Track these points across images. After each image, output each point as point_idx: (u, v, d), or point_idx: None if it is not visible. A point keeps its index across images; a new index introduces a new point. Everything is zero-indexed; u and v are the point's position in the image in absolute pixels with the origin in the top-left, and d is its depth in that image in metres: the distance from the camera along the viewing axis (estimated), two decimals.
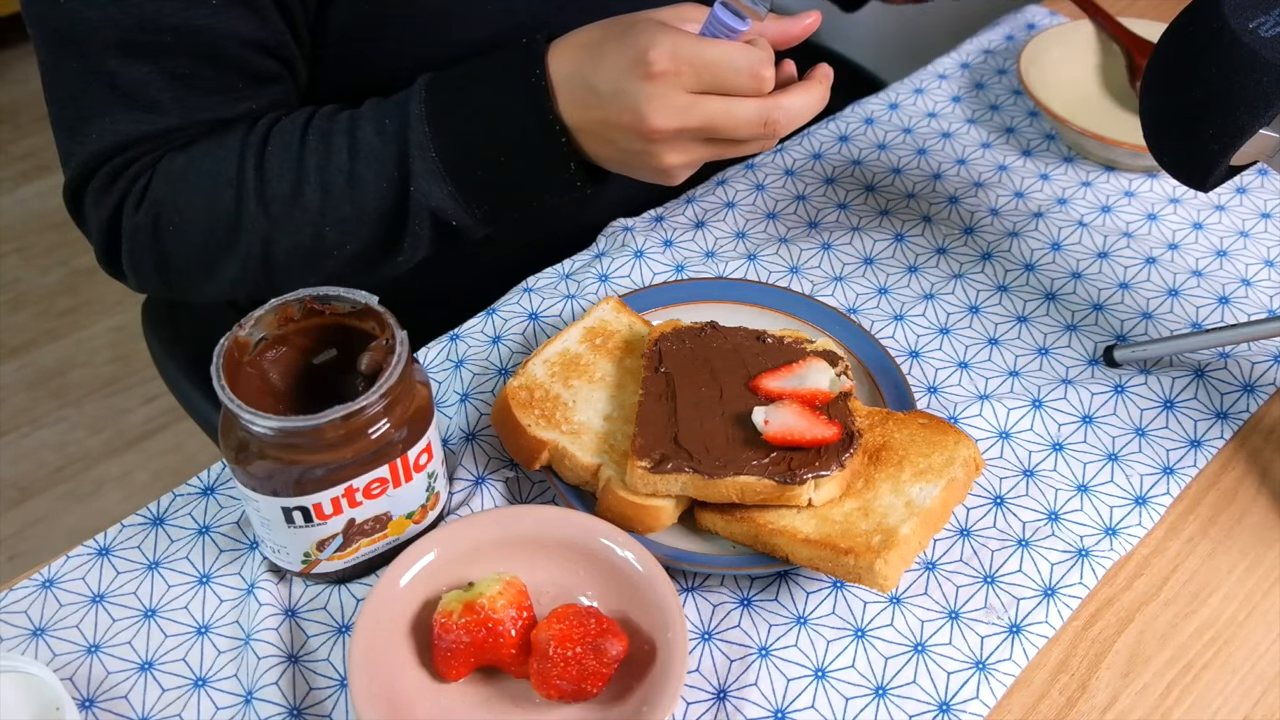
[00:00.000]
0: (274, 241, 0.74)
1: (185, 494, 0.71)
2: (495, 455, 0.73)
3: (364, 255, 0.75)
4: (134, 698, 0.62)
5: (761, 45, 0.66)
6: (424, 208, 0.72)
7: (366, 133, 0.72)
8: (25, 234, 2.14)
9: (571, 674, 0.58)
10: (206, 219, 0.74)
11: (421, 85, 0.72)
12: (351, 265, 0.76)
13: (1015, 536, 0.69)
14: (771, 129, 0.66)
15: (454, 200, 0.72)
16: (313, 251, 0.74)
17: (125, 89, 0.71)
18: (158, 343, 1.01)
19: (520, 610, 0.60)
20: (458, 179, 0.71)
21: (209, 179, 0.73)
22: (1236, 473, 0.73)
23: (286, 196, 0.72)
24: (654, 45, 0.64)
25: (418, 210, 0.72)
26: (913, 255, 0.87)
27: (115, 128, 0.73)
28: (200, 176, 0.73)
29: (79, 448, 1.80)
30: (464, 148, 0.70)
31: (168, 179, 0.74)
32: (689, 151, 0.68)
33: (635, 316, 0.76)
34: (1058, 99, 0.95)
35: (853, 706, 0.62)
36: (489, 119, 0.70)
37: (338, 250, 0.74)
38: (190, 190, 0.73)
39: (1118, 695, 0.63)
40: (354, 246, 0.74)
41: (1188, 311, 0.82)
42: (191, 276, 0.77)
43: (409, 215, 0.73)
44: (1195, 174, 0.65)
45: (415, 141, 0.70)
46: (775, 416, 0.65)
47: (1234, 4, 0.61)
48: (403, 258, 0.76)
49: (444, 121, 0.70)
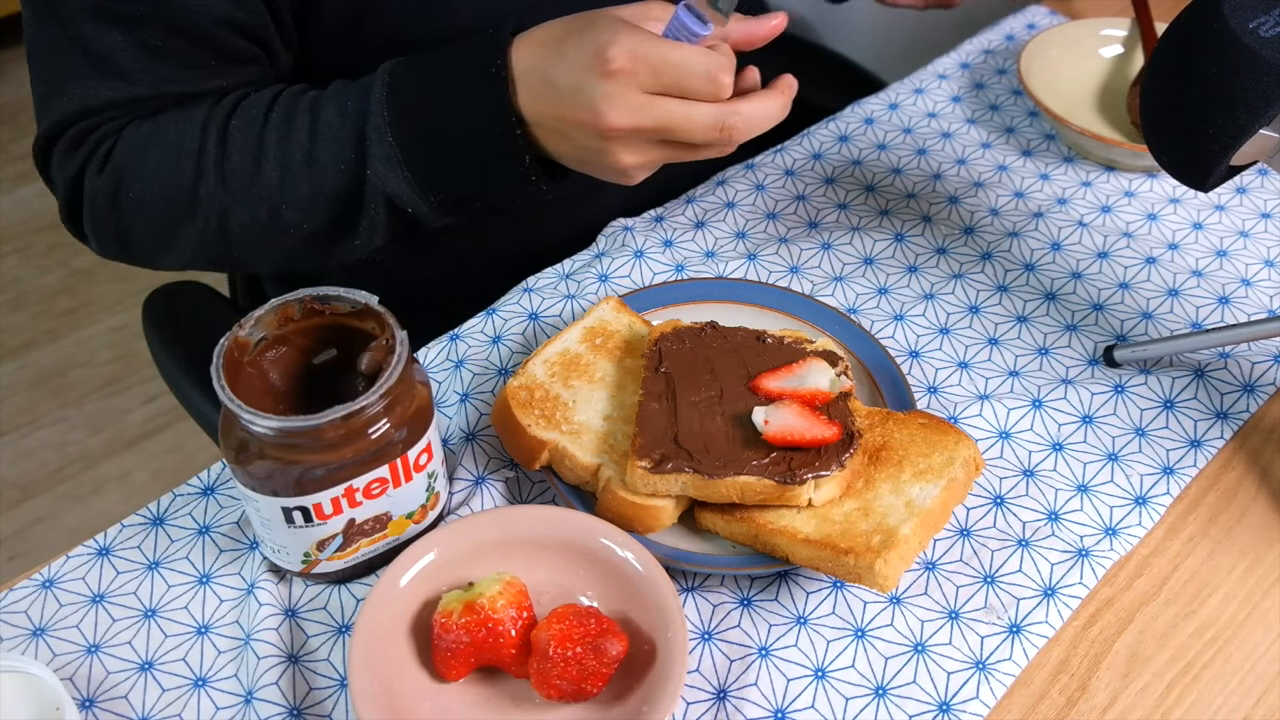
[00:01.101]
0: (230, 215, 0.74)
1: (185, 494, 0.71)
2: (495, 455, 0.73)
3: (321, 235, 0.75)
4: (134, 698, 0.62)
5: (723, 51, 0.66)
6: (380, 193, 0.72)
7: (329, 113, 0.72)
8: (25, 234, 2.14)
9: (571, 674, 0.58)
10: (166, 189, 0.74)
11: (385, 70, 0.71)
12: (309, 244, 0.76)
13: (1015, 536, 0.69)
14: (728, 134, 0.66)
15: (410, 187, 0.71)
16: (269, 228, 0.74)
17: (98, 56, 0.72)
18: (158, 342, 1.01)
19: (520, 610, 0.60)
20: (414, 166, 0.71)
21: (171, 149, 0.73)
22: (1236, 473, 0.73)
23: (245, 172, 0.73)
24: (614, 43, 0.64)
25: (374, 195, 0.72)
26: (913, 255, 0.87)
27: (86, 92, 0.73)
28: (162, 146, 0.74)
29: (79, 448, 1.80)
30: (421, 135, 0.70)
31: (130, 146, 0.74)
32: (644, 152, 0.67)
33: (635, 316, 0.76)
34: (1058, 99, 0.95)
35: (853, 706, 0.62)
36: (447, 107, 0.69)
37: (294, 229, 0.74)
38: (152, 159, 0.74)
39: (1118, 695, 0.63)
40: (310, 225, 0.74)
41: (1188, 311, 0.82)
42: (151, 244, 0.78)
43: (364, 199, 0.72)
44: (1195, 174, 0.65)
45: (374, 125, 0.70)
46: (775, 416, 0.65)
47: (1234, 4, 0.61)
48: (359, 241, 0.76)
49: (403, 107, 0.70)
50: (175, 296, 1.03)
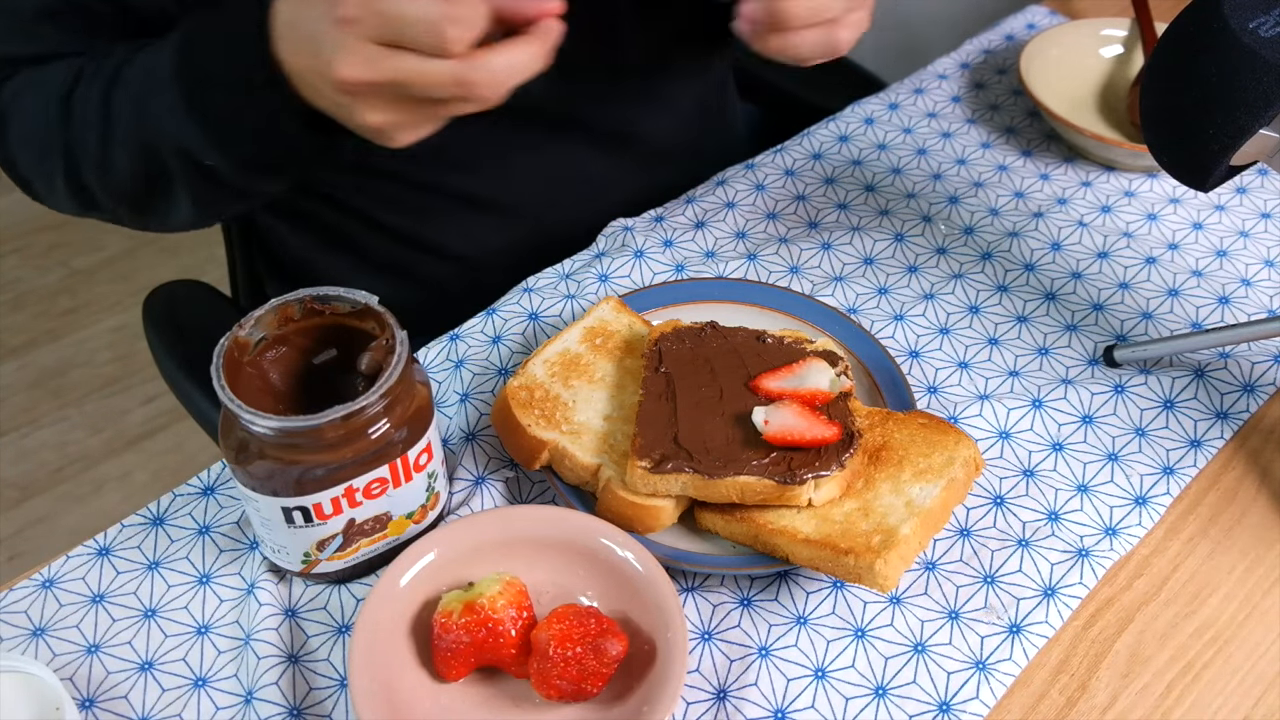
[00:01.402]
0: (71, 154, 0.74)
1: (185, 494, 0.71)
2: (495, 455, 0.73)
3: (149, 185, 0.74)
4: (134, 698, 0.62)
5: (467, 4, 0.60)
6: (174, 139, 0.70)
7: (156, 59, 0.71)
8: (25, 234, 2.14)
9: (572, 674, 0.58)
10: (37, 128, 0.75)
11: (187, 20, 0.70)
12: (147, 194, 0.75)
13: (1015, 536, 0.69)
14: (468, 90, 0.60)
15: (198, 137, 0.69)
16: (102, 169, 0.74)
17: (8, 13, 0.74)
18: (158, 341, 1.01)
19: (520, 610, 0.60)
20: (194, 112, 0.69)
21: (44, 91, 0.74)
22: (1236, 473, 0.73)
23: (85, 111, 0.73)
24: None
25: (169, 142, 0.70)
26: (913, 255, 0.87)
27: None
28: (38, 86, 0.75)
29: (79, 448, 1.80)
30: (200, 79, 0.69)
31: (15, 88, 0.76)
32: (388, 110, 0.63)
33: (635, 316, 0.76)
34: (1058, 99, 0.95)
35: (853, 706, 0.62)
36: (222, 53, 0.68)
37: (125, 177, 0.74)
38: (27, 99, 0.75)
39: (1118, 695, 0.63)
40: (134, 175, 0.73)
41: (1188, 311, 0.82)
42: (41, 184, 0.79)
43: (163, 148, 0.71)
44: (1195, 174, 0.65)
45: (162, 74, 0.69)
46: (775, 416, 0.65)
47: (1234, 4, 0.61)
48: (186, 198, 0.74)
49: (187, 52, 0.69)
50: (176, 295, 1.03)
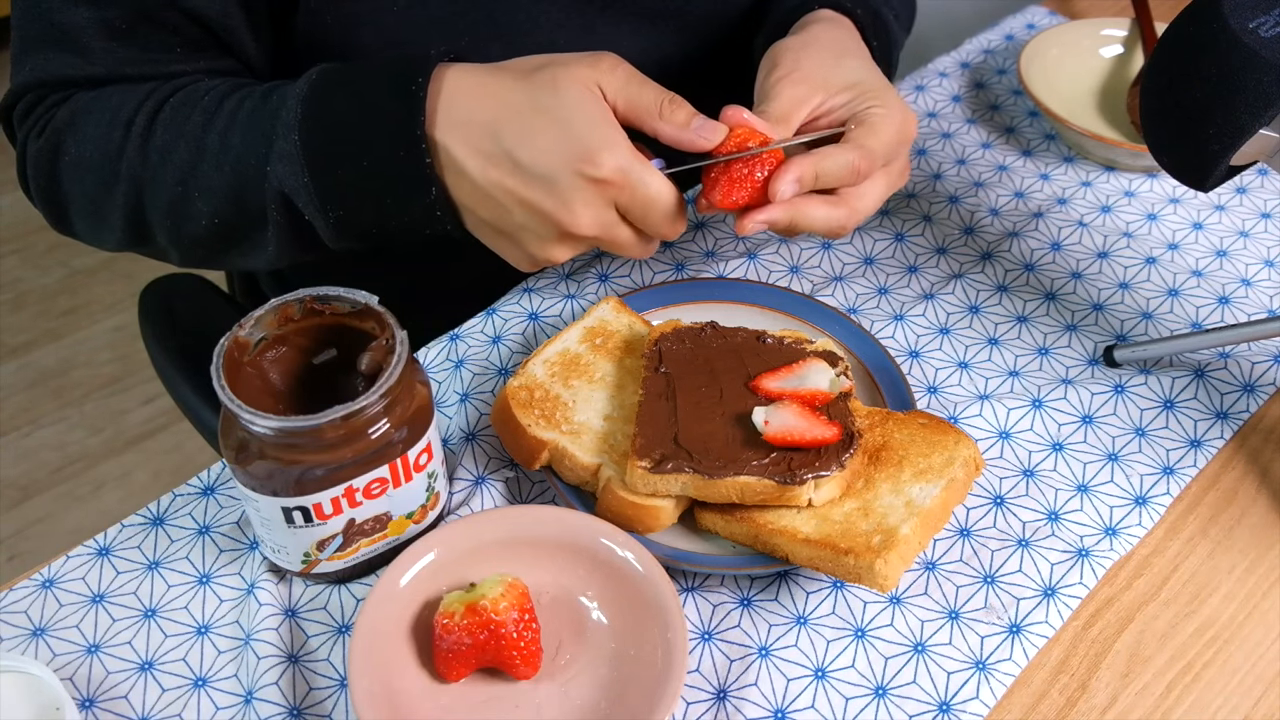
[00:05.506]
0: (146, 193, 0.73)
1: (185, 494, 0.71)
2: (495, 455, 0.73)
3: (227, 234, 0.73)
4: (134, 698, 0.62)
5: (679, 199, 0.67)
6: (277, 191, 0.69)
7: (254, 104, 0.71)
8: (25, 234, 2.14)
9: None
10: (95, 155, 0.74)
11: (314, 70, 0.70)
12: (219, 241, 0.74)
13: (1015, 536, 0.69)
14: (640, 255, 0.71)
15: (308, 193, 0.68)
16: (181, 214, 0.73)
17: (62, 30, 0.73)
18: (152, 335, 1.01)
19: (523, 612, 0.60)
20: (314, 170, 0.67)
21: (107, 116, 0.73)
22: (1236, 473, 0.73)
23: (164, 148, 0.72)
24: (606, 149, 0.63)
25: (272, 192, 0.69)
26: (913, 255, 0.87)
27: (46, 65, 0.74)
28: (100, 113, 0.74)
29: (79, 448, 1.80)
30: (326, 139, 0.67)
31: (72, 111, 0.75)
32: (573, 252, 0.69)
33: (635, 316, 0.76)
34: (1058, 99, 0.95)
35: (853, 706, 0.62)
36: (358, 116, 0.67)
37: (205, 219, 0.72)
38: (89, 125, 0.74)
39: (1118, 695, 0.63)
40: (218, 219, 0.72)
41: (1188, 311, 0.82)
42: (84, 215, 0.78)
43: (264, 195, 0.70)
44: (1195, 174, 0.65)
45: (284, 120, 0.68)
46: (775, 417, 0.65)
47: (1234, 4, 0.61)
48: (270, 250, 0.73)
49: (316, 107, 0.68)
50: (171, 289, 1.03)
